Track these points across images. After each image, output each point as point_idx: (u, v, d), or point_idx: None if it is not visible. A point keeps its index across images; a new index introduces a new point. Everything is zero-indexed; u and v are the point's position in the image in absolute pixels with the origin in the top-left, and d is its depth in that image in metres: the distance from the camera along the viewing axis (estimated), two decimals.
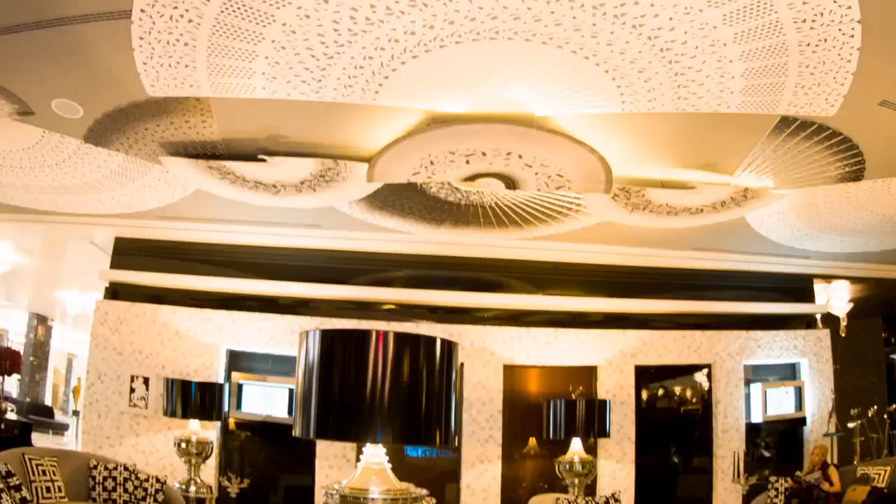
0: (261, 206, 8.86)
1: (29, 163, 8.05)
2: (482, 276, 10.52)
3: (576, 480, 8.98)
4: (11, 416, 12.44)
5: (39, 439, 13.26)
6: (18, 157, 7.92)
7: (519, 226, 9.25)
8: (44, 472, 7.12)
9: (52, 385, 24.65)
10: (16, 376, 18.87)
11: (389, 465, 4.14)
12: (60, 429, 20.50)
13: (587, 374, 10.48)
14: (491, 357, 10.16)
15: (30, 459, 7.09)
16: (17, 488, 6.18)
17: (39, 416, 18.40)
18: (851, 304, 12.48)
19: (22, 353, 16.21)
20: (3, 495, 5.98)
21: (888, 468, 8.44)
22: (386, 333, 3.85)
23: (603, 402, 8.94)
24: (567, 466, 8.99)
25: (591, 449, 9.79)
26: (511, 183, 7.68)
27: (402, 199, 8.41)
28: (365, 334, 3.86)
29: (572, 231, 9.44)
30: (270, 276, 10.26)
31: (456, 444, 4.08)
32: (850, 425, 11.10)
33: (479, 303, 10.44)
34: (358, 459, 4.14)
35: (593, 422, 8.78)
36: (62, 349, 26.87)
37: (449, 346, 4.01)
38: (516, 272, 10.63)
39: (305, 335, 3.95)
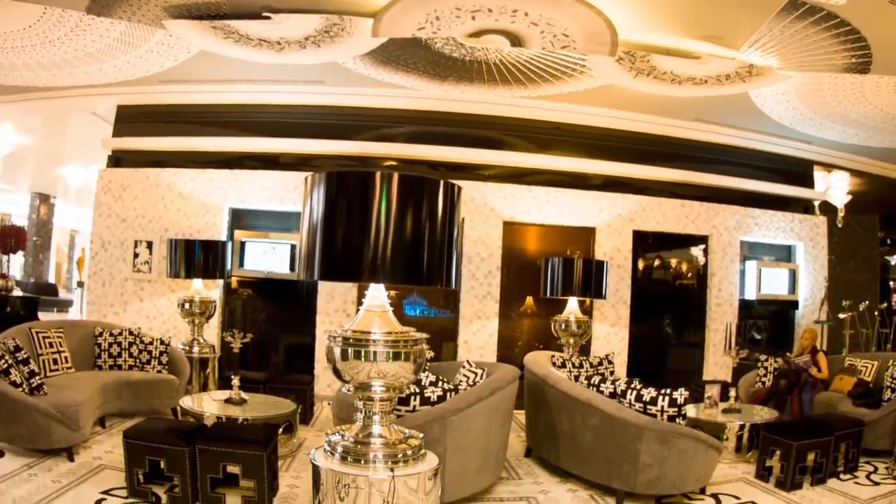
0: (264, 64, 8.78)
1: (30, 41, 8.04)
2: (484, 134, 10.49)
3: (571, 340, 9.10)
4: (17, 292, 12.53)
5: (44, 318, 13.42)
6: (19, 36, 7.90)
7: (522, 84, 9.19)
8: (50, 345, 7.22)
9: (55, 264, 24.87)
10: (20, 256, 19.06)
11: (391, 309, 4.20)
12: (65, 306, 20.82)
13: (585, 235, 10.61)
14: (491, 213, 10.23)
15: (36, 333, 7.17)
16: (25, 362, 6.22)
17: (44, 294, 18.58)
18: (850, 197, 12.53)
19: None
20: (12, 370, 5.99)
21: (876, 363, 8.54)
22: (390, 174, 3.86)
23: (600, 263, 8.97)
24: (563, 325, 9.11)
25: (586, 312, 9.91)
26: (516, 40, 7.60)
27: (406, 54, 8.32)
28: (369, 175, 3.84)
29: (575, 92, 9.39)
30: (272, 134, 10.29)
31: (455, 286, 4.09)
32: (841, 316, 11.27)
33: (481, 160, 10.46)
34: (359, 309, 4.19)
35: (590, 282, 8.80)
36: (64, 227, 27.03)
37: (452, 189, 4.03)
38: (518, 131, 10.58)
39: (311, 179, 3.94)
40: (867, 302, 11.50)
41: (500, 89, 9.45)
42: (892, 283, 16.47)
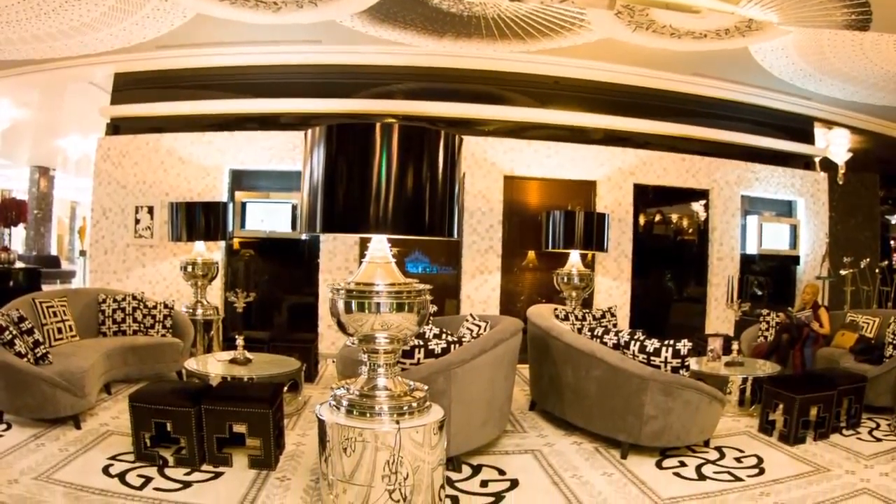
0: (261, 25, 8.69)
1: (24, 14, 7.97)
2: (483, 89, 10.42)
3: (573, 293, 9.14)
4: (19, 265, 12.53)
5: (47, 290, 13.45)
6: (13, 10, 7.83)
7: (521, 38, 9.10)
8: (54, 314, 7.20)
9: (56, 236, 24.86)
10: (21, 230, 19.06)
11: (394, 261, 4.18)
12: (67, 277, 20.91)
13: (586, 189, 10.57)
14: (492, 168, 10.19)
15: (40, 303, 7.15)
16: (30, 332, 6.18)
17: (46, 266, 18.62)
18: (850, 154, 12.48)
19: None
20: (17, 341, 5.97)
21: (877, 319, 8.50)
22: (390, 126, 3.84)
23: (602, 216, 8.94)
24: (565, 279, 9.14)
25: (588, 266, 9.97)
26: None
27: (404, 10, 8.24)
28: (369, 127, 3.81)
29: (574, 46, 9.30)
30: (271, 95, 10.21)
31: (458, 235, 4.05)
32: (843, 273, 11.27)
33: (481, 115, 10.39)
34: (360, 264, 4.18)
35: (592, 235, 8.80)
36: (65, 199, 26.97)
37: (452, 139, 4.01)
38: (517, 86, 10.49)
39: (312, 133, 3.91)
40: (868, 259, 11.51)
41: (498, 44, 9.35)
42: (892, 241, 16.45)
